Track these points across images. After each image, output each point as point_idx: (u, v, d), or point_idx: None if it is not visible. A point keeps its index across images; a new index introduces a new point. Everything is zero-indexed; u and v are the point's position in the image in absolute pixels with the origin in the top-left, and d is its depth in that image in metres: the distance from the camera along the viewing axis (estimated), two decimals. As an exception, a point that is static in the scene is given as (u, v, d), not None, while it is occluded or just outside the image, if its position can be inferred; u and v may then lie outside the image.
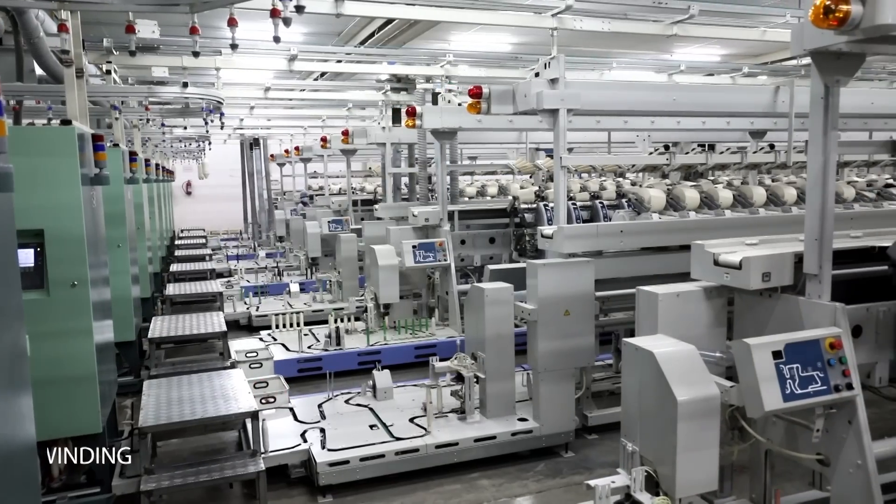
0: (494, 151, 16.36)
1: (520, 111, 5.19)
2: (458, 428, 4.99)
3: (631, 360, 3.24)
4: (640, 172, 9.64)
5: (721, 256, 3.47)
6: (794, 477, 4.29)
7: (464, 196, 11.29)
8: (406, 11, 6.20)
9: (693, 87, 8.23)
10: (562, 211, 5.14)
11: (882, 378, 3.42)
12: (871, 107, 6.26)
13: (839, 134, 6.39)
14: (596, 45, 10.49)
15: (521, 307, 4.92)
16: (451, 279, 7.63)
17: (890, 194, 7.28)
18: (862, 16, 2.41)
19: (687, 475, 2.96)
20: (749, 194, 6.25)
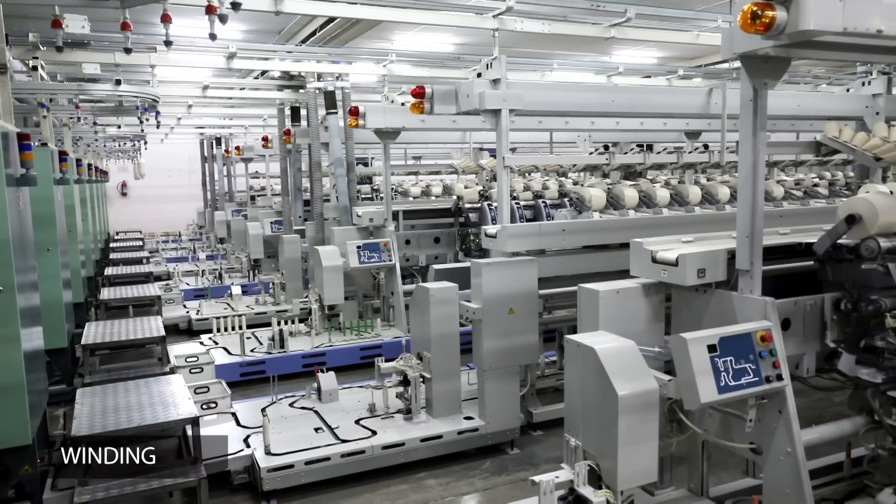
0: (439, 151, 16.40)
1: (463, 111, 5.22)
2: (405, 428, 4.98)
3: (573, 356, 3.29)
4: (581, 172, 9.83)
5: (658, 254, 3.56)
6: (730, 466, 4.46)
7: (408, 196, 11.27)
8: (347, 10, 6.14)
9: (631, 88, 8.45)
10: (505, 210, 5.19)
11: (809, 368, 3.57)
12: (797, 109, 6.55)
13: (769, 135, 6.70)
14: (537, 47, 10.64)
15: (466, 306, 4.94)
16: (396, 279, 7.61)
17: (816, 193, 7.63)
18: (786, 22, 2.51)
19: (628, 468, 3.03)
20: (685, 193, 6.44)
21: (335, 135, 8.70)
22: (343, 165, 8.83)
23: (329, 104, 8.76)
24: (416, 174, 14.01)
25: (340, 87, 8.75)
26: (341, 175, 8.81)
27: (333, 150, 8.77)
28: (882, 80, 6.47)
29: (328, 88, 8.71)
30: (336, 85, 8.72)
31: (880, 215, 3.19)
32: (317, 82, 8.86)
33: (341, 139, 8.81)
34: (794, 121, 7.83)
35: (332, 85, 8.70)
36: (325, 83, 8.75)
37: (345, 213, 8.67)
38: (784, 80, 11.54)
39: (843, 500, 3.67)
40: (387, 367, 5.20)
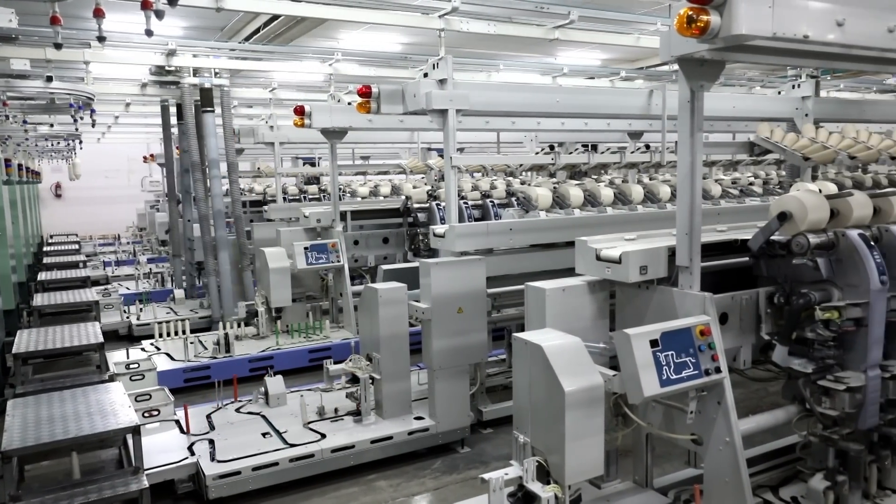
0: (387, 151, 16.34)
1: (410, 111, 5.21)
2: (355, 430, 4.94)
3: (521, 354, 3.33)
4: (528, 172, 9.95)
5: (602, 252, 3.63)
6: (673, 457, 4.59)
7: (356, 196, 11.19)
8: (291, 8, 6.04)
9: (575, 89, 8.58)
10: (453, 210, 5.21)
11: (746, 361, 3.70)
12: (732, 110, 6.77)
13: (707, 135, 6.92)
14: (484, 47, 10.70)
15: (415, 306, 4.94)
16: (344, 280, 7.54)
17: (751, 191, 7.91)
18: (720, 26, 2.59)
19: (575, 462, 3.08)
20: (628, 192, 6.58)
21: (211, 133, 8.37)
22: (218, 167, 8.55)
23: (205, 101, 8.41)
24: (365, 174, 13.93)
25: (218, 84, 8.42)
26: (216, 177, 8.51)
27: (209, 151, 8.45)
28: (810, 83, 6.76)
29: (204, 85, 8.38)
30: (213, 82, 8.40)
31: (809, 212, 3.33)
32: (192, 78, 8.43)
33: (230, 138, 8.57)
34: (729, 122, 8.10)
35: (208, 82, 8.38)
36: (200, 79, 8.38)
37: (220, 218, 8.43)
38: (720, 83, 11.94)
39: (778, 485, 3.82)
40: (336, 370, 5.16)
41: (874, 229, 3.48)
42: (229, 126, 8.62)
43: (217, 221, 8.48)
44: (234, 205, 8.85)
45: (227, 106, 8.65)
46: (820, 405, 3.45)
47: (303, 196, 12.58)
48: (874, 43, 2.98)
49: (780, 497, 3.69)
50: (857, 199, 3.48)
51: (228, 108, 8.70)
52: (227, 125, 8.60)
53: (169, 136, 10.36)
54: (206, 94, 8.43)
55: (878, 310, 3.31)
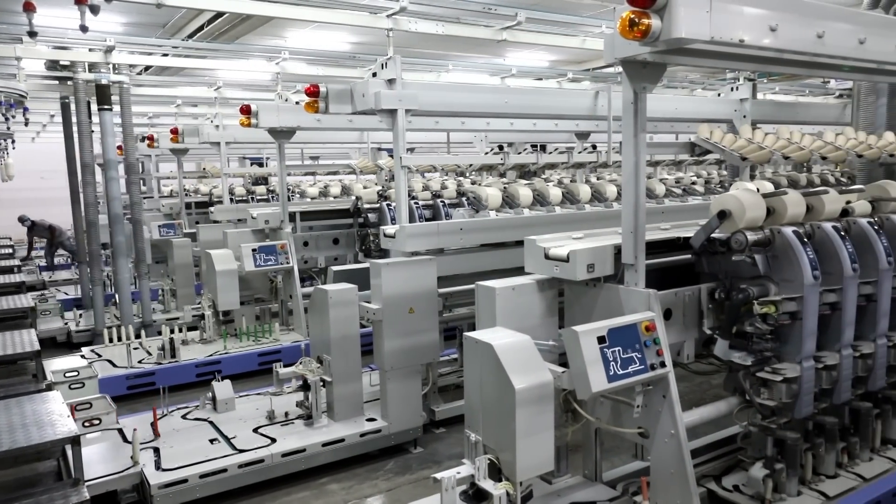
0: (336, 151, 16.21)
1: (358, 111, 5.18)
2: (305, 434, 4.88)
3: (472, 353, 3.34)
4: (479, 172, 10.01)
5: (551, 250, 3.68)
6: (621, 451, 4.69)
7: (306, 197, 11.07)
8: (236, 5, 5.94)
9: (523, 90, 8.67)
10: (403, 210, 5.20)
11: (689, 355, 3.81)
12: (675, 112, 6.98)
13: (651, 136, 7.06)
14: (433, 48, 10.72)
15: (366, 307, 4.91)
16: (294, 282, 7.44)
17: (694, 190, 8.15)
18: (661, 29, 2.66)
19: (526, 459, 3.11)
20: (576, 192, 6.69)
21: (108, 133, 7.96)
22: (115, 167, 8.17)
23: (102, 99, 7.96)
24: (314, 174, 13.78)
25: (117, 80, 7.98)
26: (113, 178, 8.12)
27: (106, 151, 8.03)
28: (748, 86, 7.02)
29: (101, 82, 7.93)
30: (110, 79, 7.97)
31: (747, 211, 3.45)
32: (87, 74, 7.92)
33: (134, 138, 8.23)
34: (672, 123, 8.34)
35: (105, 78, 7.94)
36: (96, 75, 7.89)
37: (118, 223, 8.06)
38: (663, 85, 12.28)
39: (721, 475, 3.94)
40: (285, 373, 5.08)
41: (807, 226, 3.63)
42: (129, 125, 8.14)
43: (115, 227, 8.05)
44: (133, 208, 8.34)
45: (126, 103, 8.13)
46: (759, 396, 3.57)
47: (251, 197, 12.36)
48: (804, 48, 3.11)
49: (722, 486, 3.81)
50: (792, 197, 3.62)
51: (128, 105, 8.17)
52: (128, 124, 8.12)
53: (70, 134, 9.54)
54: (103, 91, 7.93)
55: (811, 303, 3.46)
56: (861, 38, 3.32)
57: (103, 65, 7.83)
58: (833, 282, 3.58)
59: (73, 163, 9.19)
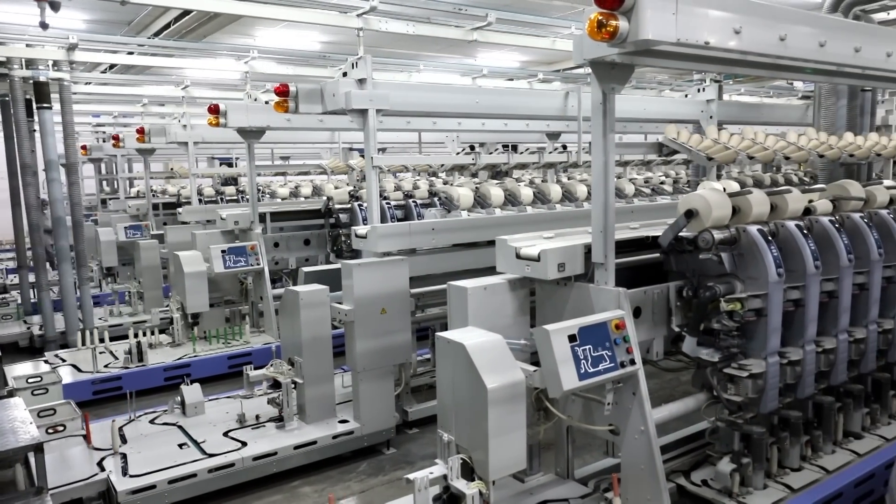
0: (307, 151, 16.09)
1: (329, 111, 5.15)
2: (277, 437, 4.83)
3: (444, 353, 3.34)
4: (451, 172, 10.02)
5: (522, 250, 3.70)
6: (593, 448, 4.73)
7: (276, 197, 10.96)
8: (204, 3, 5.86)
9: (495, 90, 8.71)
10: (375, 211, 5.19)
11: (658, 352, 3.86)
12: (643, 112, 7.08)
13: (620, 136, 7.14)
14: (404, 47, 10.71)
15: (338, 308, 4.88)
16: (264, 283, 7.36)
17: (663, 190, 8.27)
18: (628, 31, 2.70)
19: (499, 458, 3.12)
20: (547, 191, 6.74)
21: (48, 132, 7.58)
22: (58, 168, 7.84)
23: (40, 97, 7.61)
24: (284, 175, 13.64)
25: (57, 77, 7.65)
26: (55, 180, 7.77)
27: (47, 151, 7.67)
28: (714, 87, 7.15)
29: (38, 79, 7.59)
30: (49, 76, 7.62)
31: (713, 210, 3.51)
32: (23, 71, 7.51)
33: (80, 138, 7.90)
34: (641, 123, 8.46)
35: (43, 75, 7.59)
36: (33, 72, 7.53)
37: (61, 226, 7.72)
38: (632, 86, 12.43)
39: (689, 470, 4.00)
40: (256, 375, 5.03)
41: (771, 225, 3.71)
42: (70, 124, 7.83)
43: (58, 230, 7.74)
44: (73, 209, 7.97)
45: (67, 101, 7.80)
46: (726, 392, 3.64)
47: (220, 198, 12.19)
48: (768, 50, 3.18)
49: (691, 481, 3.87)
50: (756, 196, 3.69)
51: (69, 103, 7.85)
52: (69, 123, 7.81)
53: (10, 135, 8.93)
54: (41, 88, 7.60)
55: (776, 300, 3.53)
56: (821, 42, 3.40)
57: (41, 61, 7.52)
58: (796, 279, 3.66)
59: (13, 164, 8.85)
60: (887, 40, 3.89)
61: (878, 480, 4.03)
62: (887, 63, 3.86)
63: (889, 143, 5.32)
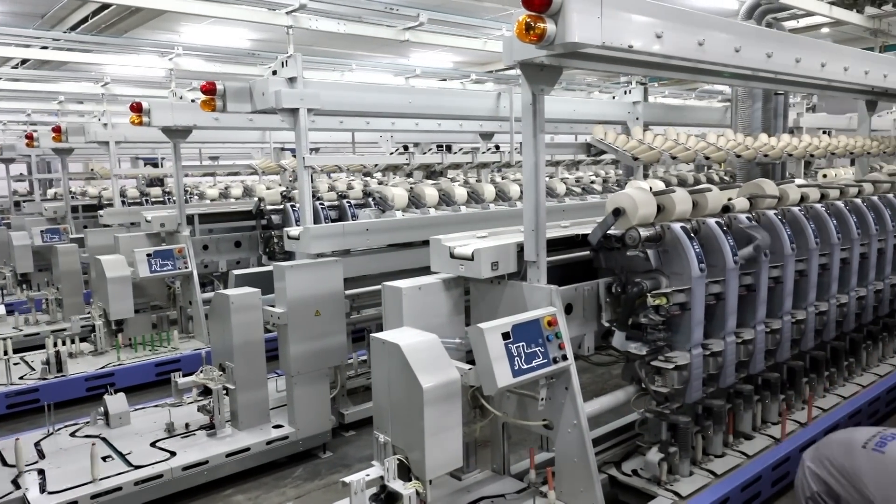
0: (237, 151, 15.70)
1: (258, 110, 5.04)
2: (208, 445, 4.69)
3: (379, 354, 3.33)
4: (385, 172, 9.98)
5: (456, 249, 3.73)
6: (528, 443, 4.80)
7: (205, 198, 10.64)
8: (124, -3, 5.64)
9: (428, 91, 8.74)
10: (307, 211, 5.11)
11: (590, 347, 3.96)
12: (573, 113, 7.25)
13: (552, 136, 7.26)
14: (336, 46, 10.60)
15: (270, 311, 4.79)
16: (193, 288, 7.14)
17: (593, 189, 8.48)
18: (555, 34, 2.75)
19: (435, 457, 3.13)
20: (481, 191, 6.81)
21: None
22: None
23: None
24: (214, 175, 13.27)
25: None
26: None
27: None
28: (640, 89, 7.39)
29: None
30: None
31: (639, 208, 3.62)
32: None
33: None
34: (571, 124, 8.66)
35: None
36: None
37: None
38: (562, 87, 12.71)
39: (621, 461, 4.12)
40: (185, 382, 4.87)
41: (694, 222, 3.86)
42: None
43: None
44: None
45: None
46: (653, 384, 3.77)
47: (145, 199, 11.73)
48: (687, 54, 3.31)
49: (622, 471, 3.98)
50: (679, 195, 3.84)
51: None
52: None
53: None
54: None
55: (699, 295, 3.68)
56: (737, 47, 3.56)
57: None
58: (717, 274, 3.83)
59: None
60: (796, 47, 4.12)
61: (793, 463, 4.26)
62: (796, 68, 4.09)
63: (800, 144, 5.64)
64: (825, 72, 4.38)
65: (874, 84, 5.10)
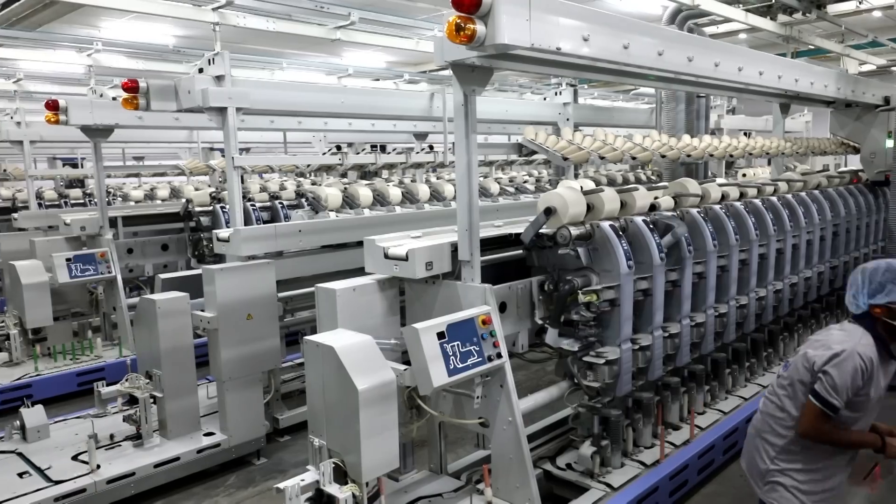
0: (164, 151, 15.16)
1: (185, 108, 4.88)
2: (135, 456, 4.51)
3: (313, 357, 3.28)
4: (318, 172, 9.85)
5: (390, 250, 3.71)
6: (466, 442, 4.84)
7: (130, 200, 10.23)
8: (37, -12, 5.34)
9: (361, 90, 8.68)
10: (238, 213, 4.98)
11: (524, 345, 4.03)
12: (506, 114, 7.35)
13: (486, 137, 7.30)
14: (266, 44, 10.38)
15: (200, 316, 4.65)
16: (117, 293, 6.85)
17: (526, 189, 8.62)
18: (485, 35, 2.78)
19: (371, 459, 3.11)
20: (415, 191, 6.81)
21: None
22: None
23: None
24: (138, 176, 12.76)
25: None
26: None
27: None
28: (570, 91, 7.55)
29: None
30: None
31: (570, 207, 3.70)
32: None
33: None
34: (504, 124, 8.76)
35: None
36: None
37: None
38: (495, 88, 12.85)
39: (555, 455, 4.20)
40: (109, 392, 4.67)
41: (622, 220, 3.97)
42: None
43: None
44: None
45: None
46: (585, 379, 3.86)
47: (63, 201, 11.17)
48: (613, 57, 3.40)
49: (557, 466, 4.06)
50: (608, 194, 3.94)
51: None
52: None
53: None
54: None
55: (627, 291, 3.79)
56: (660, 51, 3.69)
57: None
58: (644, 270, 3.95)
59: None
60: (715, 52, 4.31)
61: (717, 451, 4.45)
62: (716, 72, 4.27)
63: (720, 144, 5.89)
64: (742, 75, 4.59)
65: (787, 88, 5.38)
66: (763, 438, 2.85)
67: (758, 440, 2.88)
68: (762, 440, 2.85)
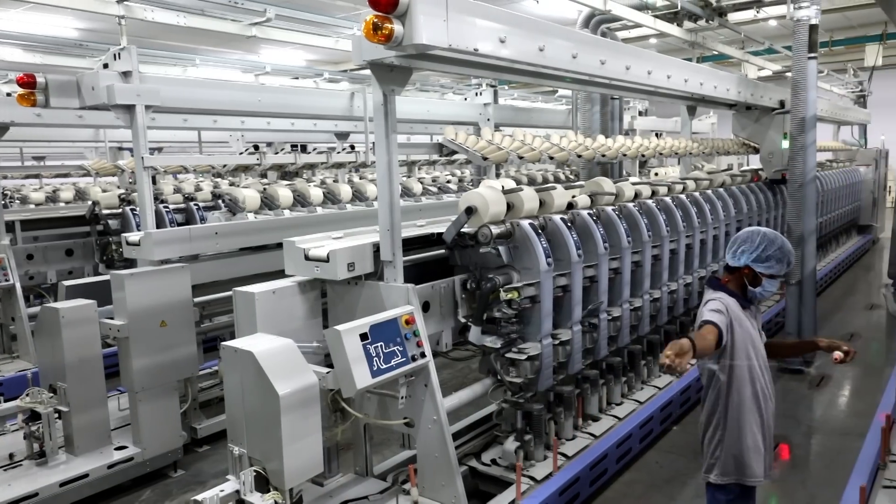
0: (67, 151, 14.30)
1: (88, 105, 4.62)
2: (38, 475, 4.23)
3: (231, 363, 3.18)
4: (236, 173, 9.55)
5: (311, 251, 3.65)
6: (392, 443, 4.82)
7: (28, 203, 9.61)
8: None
9: (279, 89, 8.47)
10: (149, 215, 4.77)
11: (447, 343, 4.06)
12: (427, 114, 7.36)
13: (408, 137, 7.28)
14: (178, 40, 9.99)
15: (109, 324, 4.42)
16: (16, 302, 6.41)
17: (448, 188, 8.67)
18: (403, 35, 2.78)
19: (294, 465, 3.05)
20: (337, 192, 6.72)
21: None
22: None
23: None
24: (39, 177, 12.02)
25: None
26: None
27: None
28: (490, 91, 7.65)
29: None
30: None
31: (490, 206, 3.75)
32: None
33: None
34: (426, 124, 8.78)
35: None
36: None
37: None
38: (417, 88, 12.88)
39: (480, 451, 4.25)
40: (7, 408, 4.37)
41: (541, 219, 4.06)
42: None
43: None
44: None
45: None
46: (508, 375, 3.92)
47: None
48: (529, 59, 3.47)
49: (482, 462, 4.11)
50: (527, 193, 4.02)
51: None
52: None
53: None
54: None
55: (547, 287, 3.88)
56: (574, 54, 3.80)
57: None
58: (563, 267, 4.06)
59: None
60: (626, 55, 4.47)
61: (634, 440, 4.62)
62: (627, 75, 4.43)
63: (633, 145, 6.11)
64: (651, 79, 4.79)
65: (693, 91, 5.65)
66: None
67: None
68: None
